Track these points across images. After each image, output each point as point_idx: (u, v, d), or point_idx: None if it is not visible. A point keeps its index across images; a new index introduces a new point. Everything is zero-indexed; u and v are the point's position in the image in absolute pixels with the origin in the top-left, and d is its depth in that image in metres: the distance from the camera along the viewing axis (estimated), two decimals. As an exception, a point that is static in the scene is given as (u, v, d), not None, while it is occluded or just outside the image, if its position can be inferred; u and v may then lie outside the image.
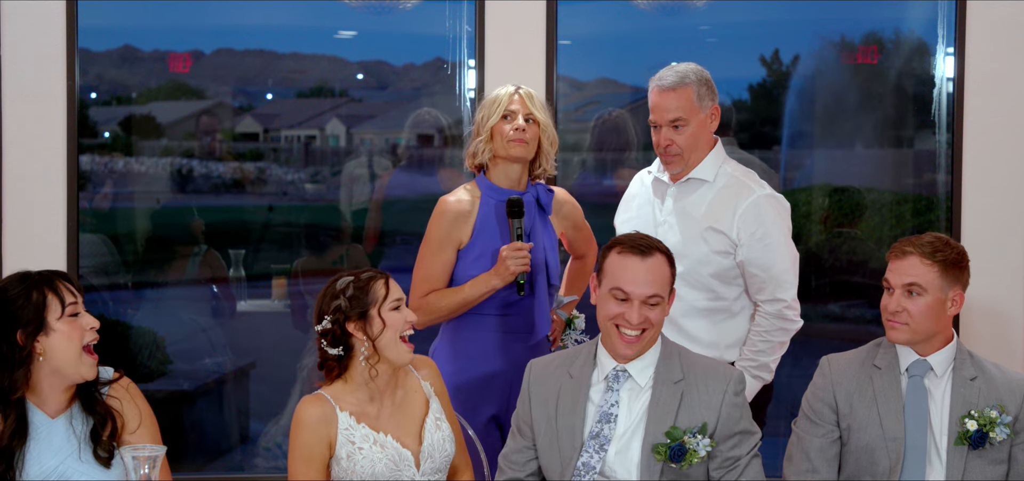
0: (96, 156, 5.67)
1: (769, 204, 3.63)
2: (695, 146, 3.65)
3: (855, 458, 3.19)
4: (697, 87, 3.64)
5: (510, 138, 3.62)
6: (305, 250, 5.79)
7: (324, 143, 6.12)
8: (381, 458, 3.04)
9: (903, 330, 3.16)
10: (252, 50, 5.98)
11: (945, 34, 4.95)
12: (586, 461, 3.06)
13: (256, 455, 5.40)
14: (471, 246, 3.65)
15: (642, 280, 3.05)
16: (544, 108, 3.71)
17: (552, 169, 3.76)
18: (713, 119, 3.70)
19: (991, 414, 3.10)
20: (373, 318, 3.05)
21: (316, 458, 3.03)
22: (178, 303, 5.68)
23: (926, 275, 3.13)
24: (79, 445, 2.96)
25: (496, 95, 3.70)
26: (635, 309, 3.04)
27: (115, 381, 3.06)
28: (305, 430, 3.03)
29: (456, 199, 3.67)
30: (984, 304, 4.58)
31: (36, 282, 2.96)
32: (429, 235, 3.67)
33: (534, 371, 3.20)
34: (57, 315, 2.93)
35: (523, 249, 3.56)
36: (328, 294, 3.10)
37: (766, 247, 3.59)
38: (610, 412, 3.09)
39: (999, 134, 4.77)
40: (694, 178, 3.68)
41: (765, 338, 3.64)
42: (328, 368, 3.13)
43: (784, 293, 3.62)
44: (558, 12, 4.73)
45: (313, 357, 5.37)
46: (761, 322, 3.64)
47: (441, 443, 3.14)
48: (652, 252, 3.08)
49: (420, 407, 3.16)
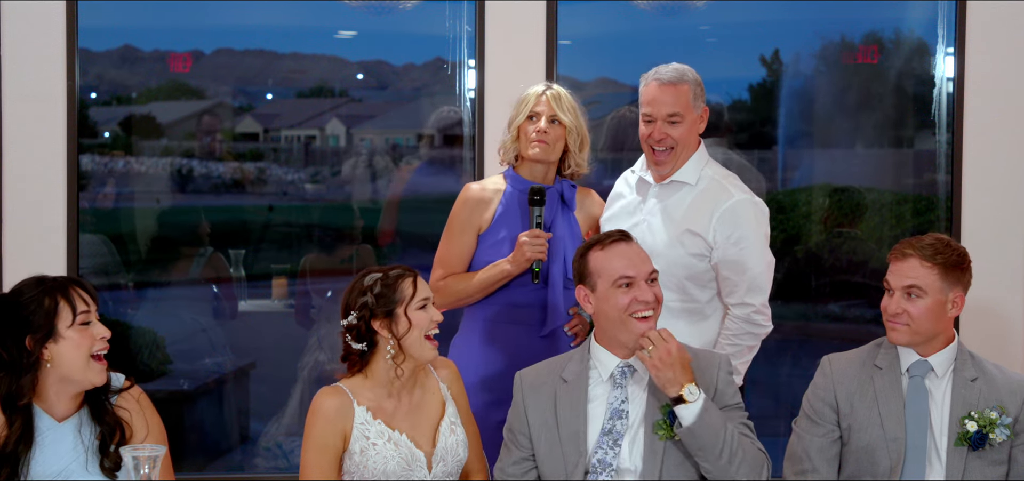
0: (96, 156, 5.67)
1: (747, 208, 3.63)
2: (687, 144, 3.67)
3: (855, 458, 3.19)
4: (693, 87, 3.66)
5: (532, 139, 3.68)
6: (314, 248, 5.79)
7: (324, 143, 6.12)
8: (394, 456, 3.05)
9: (903, 332, 3.16)
10: (252, 50, 5.99)
11: (945, 34, 4.95)
12: (601, 458, 3.07)
13: (256, 455, 5.41)
14: (491, 231, 3.71)
15: (637, 261, 3.13)
16: (573, 109, 3.74)
17: (585, 168, 3.80)
18: (702, 121, 3.71)
19: (991, 415, 3.10)
20: (399, 317, 3.06)
21: (330, 449, 3.04)
22: (178, 303, 5.68)
23: (926, 277, 3.13)
24: (87, 457, 2.95)
25: (525, 94, 3.76)
26: (644, 288, 3.10)
27: (126, 390, 3.05)
28: (321, 420, 3.04)
29: (479, 186, 3.77)
30: (984, 304, 4.58)
31: (50, 288, 2.93)
32: (451, 219, 3.75)
33: (525, 382, 3.20)
34: (68, 323, 2.91)
35: (541, 236, 3.61)
36: (355, 289, 3.10)
37: (740, 250, 3.59)
38: (621, 409, 3.10)
39: (999, 134, 4.77)
40: (677, 180, 3.69)
41: (733, 341, 3.63)
42: (350, 362, 3.13)
43: (755, 298, 3.61)
44: (558, 12, 4.73)
45: (313, 357, 5.41)
46: (730, 325, 3.64)
47: (454, 447, 3.14)
48: (629, 238, 3.19)
49: (437, 409, 3.17)
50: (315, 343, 5.42)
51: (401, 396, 3.12)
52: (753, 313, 3.61)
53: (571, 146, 3.72)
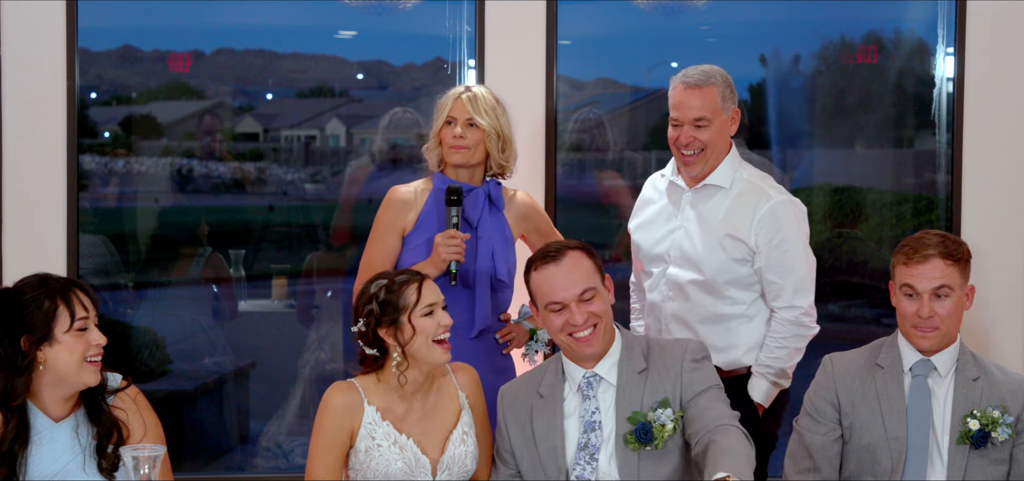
0: (96, 156, 5.67)
1: (786, 210, 3.60)
2: (715, 147, 3.63)
3: (857, 457, 3.19)
4: (722, 88, 3.62)
5: (450, 145, 3.67)
6: (314, 248, 5.79)
7: (324, 143, 6.12)
8: (398, 459, 3.04)
9: (935, 336, 3.14)
10: (252, 50, 5.99)
11: (945, 34, 4.95)
12: (579, 475, 3.04)
13: (256, 455, 5.41)
14: (414, 234, 3.68)
15: (566, 283, 3.07)
16: (491, 110, 3.68)
17: (510, 167, 3.75)
18: (733, 122, 3.67)
19: (993, 414, 3.10)
20: (404, 325, 3.05)
21: (336, 445, 3.05)
22: (178, 303, 5.68)
23: (952, 276, 3.13)
24: (84, 457, 2.94)
25: (443, 101, 3.75)
26: (575, 311, 3.06)
27: (122, 390, 3.04)
28: (330, 415, 3.05)
29: (404, 188, 3.75)
30: (984, 304, 4.58)
31: (52, 290, 2.91)
32: (376, 221, 3.73)
33: (506, 399, 3.19)
34: (65, 328, 2.90)
35: (457, 237, 3.57)
36: (363, 296, 3.11)
37: (784, 254, 3.56)
38: (593, 420, 3.08)
39: (999, 134, 4.77)
40: (710, 184, 3.65)
41: (782, 344, 3.59)
42: (366, 364, 3.14)
43: (802, 300, 3.58)
44: (558, 12, 4.72)
45: (313, 356, 5.41)
46: (777, 328, 3.59)
47: (462, 457, 3.12)
48: (564, 253, 3.11)
49: (451, 416, 3.15)
50: (315, 342, 5.42)
51: (414, 400, 3.11)
52: (801, 315, 3.58)
53: (491, 148, 3.67)
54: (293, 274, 5.70)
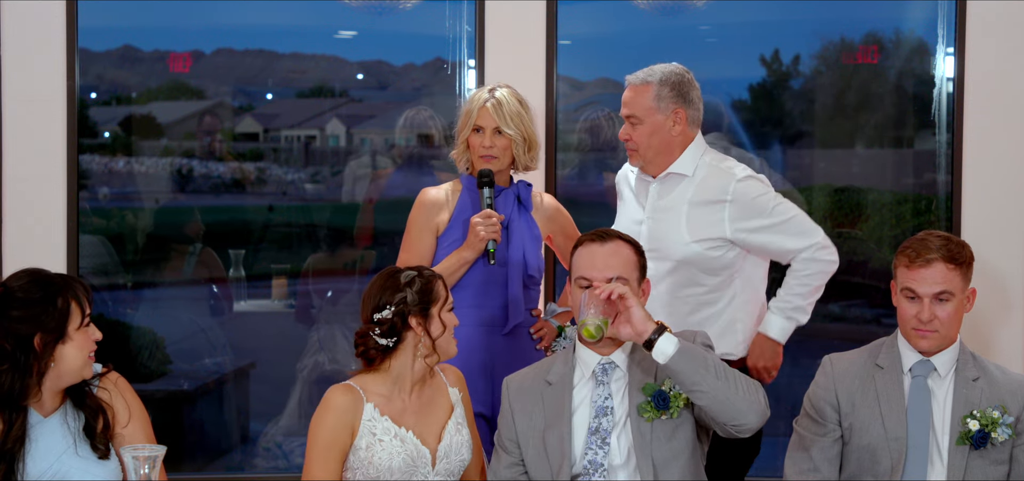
0: (96, 156, 5.67)
1: (750, 188, 3.65)
2: (650, 145, 3.68)
3: (857, 457, 3.19)
4: (658, 88, 3.67)
5: (480, 154, 3.73)
6: (320, 248, 5.79)
7: (324, 143, 6.12)
8: (400, 452, 3.07)
9: (934, 338, 3.14)
10: (252, 50, 5.99)
11: (945, 34, 4.95)
12: (591, 459, 3.06)
13: (256, 455, 5.41)
14: (448, 232, 3.75)
15: (601, 264, 3.09)
16: (517, 115, 3.73)
17: (534, 166, 3.82)
18: (676, 123, 3.69)
19: (993, 414, 3.10)
20: (434, 317, 3.12)
21: (337, 446, 3.06)
22: (178, 303, 5.68)
23: (954, 280, 3.12)
24: (75, 441, 2.94)
25: (469, 107, 3.78)
26: None
27: (103, 375, 3.04)
28: (331, 415, 3.07)
29: (435, 189, 3.83)
30: (984, 304, 4.57)
31: (59, 288, 2.90)
32: (409, 223, 3.80)
33: (512, 387, 3.20)
34: (76, 325, 2.90)
35: (493, 216, 3.65)
36: (389, 286, 3.13)
37: (771, 228, 3.63)
38: (605, 406, 3.09)
39: (999, 134, 4.77)
40: (674, 173, 3.71)
41: (803, 282, 3.66)
42: (368, 357, 3.14)
43: (807, 240, 3.65)
44: (558, 12, 4.73)
45: (313, 357, 5.41)
46: (798, 267, 3.67)
47: (459, 446, 3.17)
48: (611, 239, 3.14)
49: (444, 410, 3.20)
50: (315, 345, 5.42)
51: (411, 395, 3.16)
52: (817, 250, 3.65)
53: (517, 153, 3.75)
54: (293, 274, 5.70)
